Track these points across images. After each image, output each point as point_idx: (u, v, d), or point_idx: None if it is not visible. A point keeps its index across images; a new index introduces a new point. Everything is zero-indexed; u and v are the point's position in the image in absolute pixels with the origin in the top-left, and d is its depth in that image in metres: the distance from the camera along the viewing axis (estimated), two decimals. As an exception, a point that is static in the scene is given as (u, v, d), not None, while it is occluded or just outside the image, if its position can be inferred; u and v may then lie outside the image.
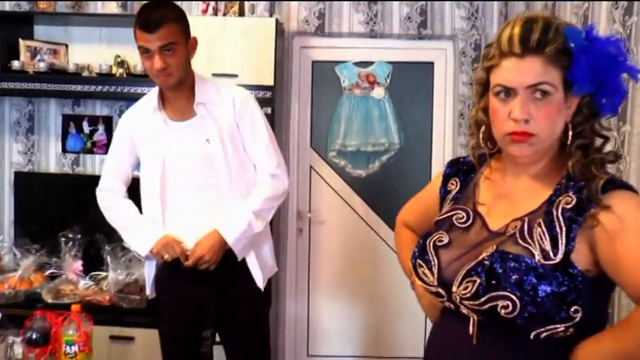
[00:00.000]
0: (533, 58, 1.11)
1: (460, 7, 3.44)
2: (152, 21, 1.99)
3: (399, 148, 3.55)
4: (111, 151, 2.32)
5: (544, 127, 1.12)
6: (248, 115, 2.19)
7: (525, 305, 1.07)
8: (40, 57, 3.31)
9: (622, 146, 2.05)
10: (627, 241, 1.07)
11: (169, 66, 2.03)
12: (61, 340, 1.81)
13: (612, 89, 1.13)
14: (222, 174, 2.14)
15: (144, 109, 2.22)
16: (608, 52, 1.11)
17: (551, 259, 1.09)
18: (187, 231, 2.14)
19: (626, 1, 2.03)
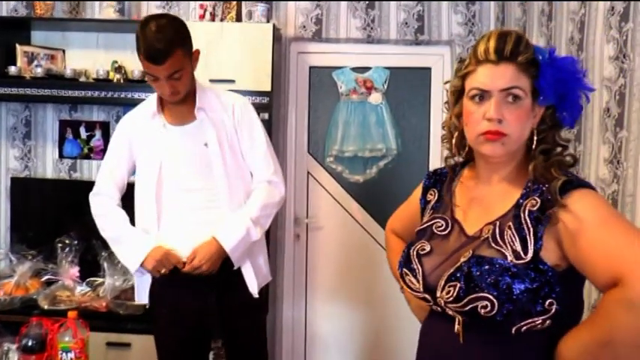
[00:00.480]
0: (507, 64, 1.23)
1: (457, 13, 3.45)
2: (158, 54, 1.96)
3: (397, 153, 3.55)
4: (107, 156, 2.29)
5: (515, 128, 1.23)
6: (246, 122, 2.20)
7: (503, 303, 1.15)
8: (37, 62, 3.31)
9: (619, 152, 2.05)
10: (588, 237, 1.15)
11: (177, 88, 2.05)
12: (57, 347, 1.79)
13: (571, 103, 1.26)
14: (219, 178, 2.14)
15: (142, 114, 2.22)
16: (568, 68, 1.25)
17: (522, 258, 1.18)
18: (182, 235, 2.13)
19: (623, 0, 2.04)
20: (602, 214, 1.17)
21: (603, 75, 2.17)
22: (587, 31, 2.31)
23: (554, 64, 1.24)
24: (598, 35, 2.23)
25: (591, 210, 1.17)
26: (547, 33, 2.70)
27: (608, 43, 2.14)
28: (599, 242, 1.13)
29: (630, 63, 1.99)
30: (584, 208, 1.17)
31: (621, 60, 2.05)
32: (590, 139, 2.27)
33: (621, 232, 1.13)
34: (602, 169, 2.17)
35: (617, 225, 1.15)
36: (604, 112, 2.17)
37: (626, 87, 2.02)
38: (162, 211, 2.16)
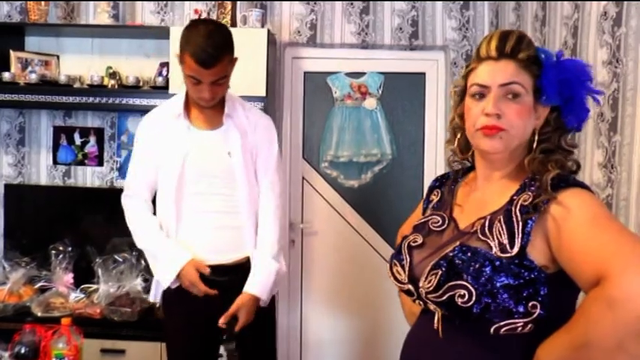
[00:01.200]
0: (508, 61, 1.24)
1: (451, 18, 3.46)
2: (209, 58, 1.98)
3: (392, 158, 3.55)
4: (135, 156, 2.28)
5: (514, 123, 1.22)
6: (267, 141, 2.25)
7: (481, 295, 1.13)
8: (31, 68, 3.30)
9: (613, 156, 2.06)
10: (576, 233, 1.12)
11: (216, 95, 2.08)
12: (51, 354, 1.79)
13: (577, 106, 1.25)
14: (241, 186, 2.17)
15: (166, 114, 2.22)
16: (574, 70, 1.24)
17: (508, 252, 1.15)
18: (201, 238, 2.16)
19: (616, 0, 2.05)
20: (593, 211, 1.14)
21: (597, 80, 2.18)
22: (581, 35, 2.32)
23: (559, 65, 1.24)
24: (591, 40, 2.23)
25: (582, 206, 1.14)
26: (541, 38, 2.71)
27: (602, 48, 2.15)
28: (586, 239, 1.11)
29: (623, 67, 2.00)
30: (576, 204, 1.14)
31: (614, 65, 2.06)
32: (585, 144, 2.27)
33: (610, 231, 1.10)
34: (597, 173, 2.17)
35: (606, 224, 1.12)
36: (598, 116, 2.17)
37: (620, 91, 2.02)
38: (182, 212, 2.17)
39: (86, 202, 3.42)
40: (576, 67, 1.25)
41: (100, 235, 3.20)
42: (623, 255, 1.05)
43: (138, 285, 2.93)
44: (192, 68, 2.00)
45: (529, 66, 1.24)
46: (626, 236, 1.09)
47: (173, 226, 2.17)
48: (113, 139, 3.48)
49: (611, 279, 1.03)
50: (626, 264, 1.03)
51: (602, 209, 1.16)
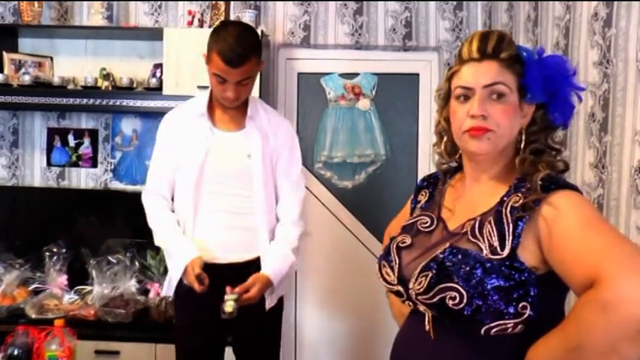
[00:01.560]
0: (490, 61, 1.24)
1: (445, 19, 3.47)
2: (237, 57, 2.02)
3: (385, 159, 3.56)
4: (156, 154, 2.31)
5: (500, 123, 1.23)
6: (288, 147, 2.28)
7: (472, 297, 1.12)
8: (25, 70, 3.29)
9: (604, 156, 2.07)
10: (567, 235, 1.11)
11: (240, 95, 2.11)
12: (44, 356, 1.79)
13: (562, 102, 1.25)
14: (257, 189, 2.20)
15: (188, 113, 2.24)
16: (556, 66, 1.25)
17: (499, 253, 1.15)
18: (217, 236, 2.19)
19: (606, 1, 2.06)
20: (585, 213, 1.13)
21: (588, 80, 2.19)
22: (572, 36, 2.33)
23: (541, 61, 1.25)
24: (582, 41, 2.25)
25: (573, 208, 1.14)
26: (533, 38, 2.72)
27: (592, 49, 2.17)
28: (578, 241, 1.10)
29: (614, 68, 2.01)
30: (567, 205, 1.14)
31: (605, 65, 2.08)
32: (576, 144, 2.29)
33: (602, 234, 1.09)
34: (588, 173, 2.19)
35: (598, 226, 1.11)
36: (589, 116, 2.19)
37: (610, 92, 2.04)
38: (199, 211, 2.20)
39: (80, 204, 3.41)
40: (558, 63, 1.25)
41: (94, 236, 3.20)
42: (615, 258, 1.04)
43: (132, 286, 2.93)
44: (219, 67, 2.04)
45: (512, 65, 1.24)
46: (617, 239, 1.09)
47: (190, 224, 2.20)
48: (107, 140, 3.48)
49: (603, 282, 1.02)
50: (618, 267, 1.03)
51: (593, 211, 1.16)
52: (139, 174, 3.45)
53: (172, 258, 2.22)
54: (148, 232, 2.33)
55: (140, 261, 2.94)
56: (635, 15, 1.90)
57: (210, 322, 2.20)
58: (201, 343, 2.26)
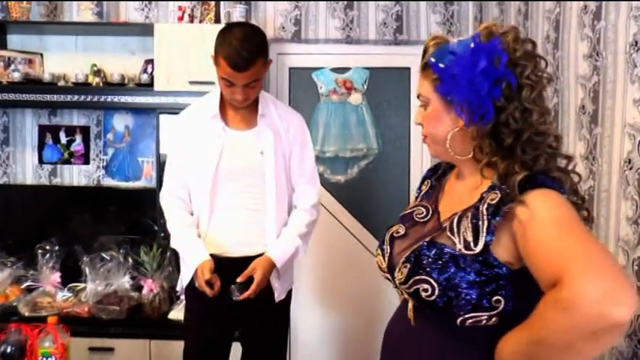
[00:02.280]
0: (421, 73, 1.33)
1: (435, 13, 3.47)
2: (243, 62, 2.02)
3: (378, 153, 3.57)
4: (171, 155, 2.32)
5: (427, 129, 1.33)
6: (300, 141, 2.31)
7: (444, 290, 1.18)
8: (15, 67, 3.27)
9: (594, 148, 2.08)
10: (539, 233, 1.13)
11: (249, 97, 2.13)
12: (37, 353, 1.79)
13: (462, 101, 1.23)
14: (269, 186, 2.22)
15: (201, 114, 2.26)
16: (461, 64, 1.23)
17: (472, 249, 1.18)
18: (231, 232, 2.22)
19: (596, 1, 2.07)
20: (557, 213, 1.14)
21: (578, 73, 2.21)
22: (562, 29, 2.34)
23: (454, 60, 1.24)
24: (572, 34, 2.26)
25: (547, 208, 1.15)
26: (524, 32, 2.73)
27: (582, 42, 2.18)
28: (548, 240, 1.11)
29: (603, 61, 2.02)
30: (541, 205, 1.15)
31: (595, 58, 2.09)
32: (567, 136, 2.30)
33: (572, 235, 1.11)
34: (579, 165, 2.20)
35: (569, 227, 1.12)
36: (579, 109, 2.20)
37: (600, 84, 2.05)
38: (214, 208, 2.22)
39: (73, 201, 3.40)
40: (461, 62, 1.23)
41: (87, 233, 3.20)
42: (580, 259, 1.06)
43: (126, 283, 2.93)
44: (226, 71, 2.05)
45: (427, 74, 1.30)
46: (585, 240, 1.10)
47: (205, 221, 2.23)
48: (99, 137, 3.47)
49: (565, 282, 1.04)
50: (582, 268, 1.04)
51: (566, 211, 1.16)
52: (131, 170, 3.44)
53: (184, 260, 2.26)
54: (141, 228, 2.34)
55: (133, 257, 2.94)
56: (624, 8, 1.91)
57: (220, 316, 2.23)
58: (210, 337, 2.28)
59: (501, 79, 1.21)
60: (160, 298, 2.84)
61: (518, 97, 1.22)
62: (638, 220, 1.83)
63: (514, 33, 1.26)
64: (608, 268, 1.04)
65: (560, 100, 2.37)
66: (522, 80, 1.22)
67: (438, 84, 1.26)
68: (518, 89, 1.22)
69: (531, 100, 1.23)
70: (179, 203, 2.28)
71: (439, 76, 1.26)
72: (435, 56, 1.27)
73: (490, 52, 1.21)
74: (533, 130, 1.23)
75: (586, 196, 2.14)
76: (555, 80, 2.41)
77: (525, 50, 1.24)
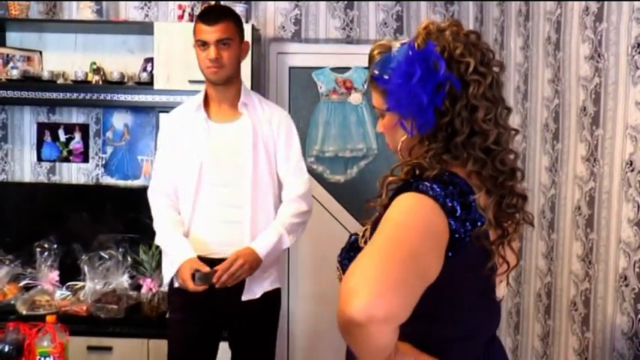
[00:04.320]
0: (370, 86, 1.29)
1: (436, 13, 3.47)
2: (213, 14, 2.18)
3: (377, 153, 3.56)
4: (159, 151, 2.35)
5: (387, 138, 1.32)
6: (284, 133, 2.32)
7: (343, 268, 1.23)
8: (13, 64, 3.26)
9: (596, 149, 2.08)
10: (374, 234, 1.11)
11: (222, 58, 2.17)
12: (35, 352, 1.78)
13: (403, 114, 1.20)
14: (246, 180, 2.22)
15: (187, 109, 2.31)
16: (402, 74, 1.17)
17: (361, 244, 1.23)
18: (211, 229, 2.23)
19: (597, 0, 2.07)
20: (392, 215, 1.12)
21: (579, 74, 2.20)
22: (564, 31, 2.34)
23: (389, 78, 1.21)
24: (574, 35, 2.25)
25: (391, 209, 1.13)
26: (525, 33, 2.73)
27: (584, 43, 2.17)
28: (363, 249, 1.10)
29: (605, 62, 2.02)
30: (392, 207, 1.14)
31: (596, 59, 2.08)
32: (568, 138, 2.29)
33: (374, 248, 1.07)
34: (580, 166, 2.20)
35: (376, 244, 1.08)
36: (581, 110, 2.19)
37: (602, 86, 2.04)
38: (198, 205, 2.23)
39: (71, 199, 3.39)
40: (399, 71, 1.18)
41: (85, 232, 3.19)
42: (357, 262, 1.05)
43: (124, 282, 2.92)
44: (199, 29, 2.17)
45: (376, 86, 1.26)
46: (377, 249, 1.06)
47: (188, 218, 2.24)
48: (98, 135, 3.46)
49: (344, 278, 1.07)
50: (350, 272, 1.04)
51: (401, 217, 1.11)
52: (130, 169, 3.44)
53: (167, 257, 2.26)
54: (140, 227, 2.34)
55: (132, 256, 2.93)
56: (626, 9, 1.90)
57: (203, 315, 2.23)
58: (194, 336, 2.28)
59: (443, 83, 1.15)
60: (159, 297, 2.83)
61: (465, 96, 1.17)
62: None
63: (453, 29, 1.20)
64: (371, 274, 1.01)
65: (561, 102, 2.36)
66: (468, 77, 1.17)
67: (386, 96, 1.22)
68: (465, 87, 1.17)
69: (479, 95, 1.17)
70: (166, 200, 2.29)
71: (384, 89, 1.22)
72: (378, 68, 1.23)
73: (426, 59, 1.16)
74: (477, 128, 1.18)
75: (587, 198, 2.13)
76: (557, 82, 2.40)
77: (466, 45, 1.18)
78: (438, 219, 1.11)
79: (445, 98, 1.16)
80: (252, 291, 2.26)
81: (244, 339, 2.33)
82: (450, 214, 1.12)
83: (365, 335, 1.03)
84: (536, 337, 2.57)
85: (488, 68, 1.20)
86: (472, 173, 1.20)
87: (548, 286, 2.44)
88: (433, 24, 1.22)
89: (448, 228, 1.11)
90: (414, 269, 1.05)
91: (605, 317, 2.01)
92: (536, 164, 2.59)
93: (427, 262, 1.08)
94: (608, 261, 2.00)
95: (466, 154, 1.19)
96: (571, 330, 2.26)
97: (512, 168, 1.24)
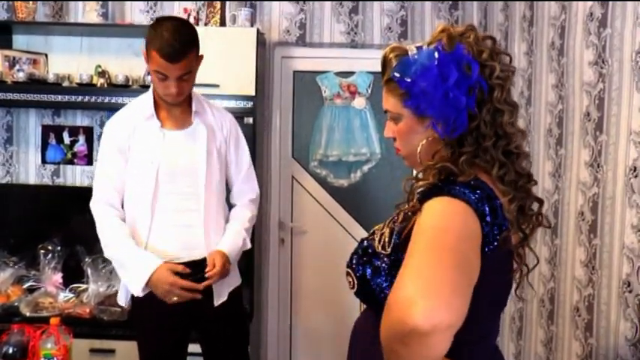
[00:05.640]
0: (384, 89, 1.31)
1: (440, 18, 3.47)
2: (175, 52, 2.00)
3: (381, 157, 3.57)
4: (103, 161, 2.24)
5: (400, 142, 1.32)
6: (234, 137, 2.31)
7: (361, 285, 1.26)
8: (19, 67, 3.28)
9: (599, 155, 2.08)
10: (414, 236, 1.13)
11: (183, 90, 2.10)
12: (39, 354, 1.79)
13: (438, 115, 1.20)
14: (200, 184, 2.19)
15: (134, 116, 2.21)
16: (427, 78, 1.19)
17: (386, 250, 1.24)
18: (171, 236, 2.18)
19: (602, 7, 2.07)
20: (433, 223, 1.12)
21: (583, 80, 2.20)
22: (568, 36, 2.34)
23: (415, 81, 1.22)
24: (578, 41, 2.26)
25: (429, 215, 1.14)
26: (529, 38, 2.73)
27: (588, 49, 2.18)
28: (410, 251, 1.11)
29: (609, 68, 2.02)
30: (427, 212, 1.15)
31: (600, 65, 2.08)
32: (572, 143, 2.30)
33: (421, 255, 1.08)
34: (583, 172, 2.20)
35: (432, 240, 1.09)
36: (584, 116, 2.20)
37: (605, 91, 2.05)
38: (155, 212, 2.17)
39: (75, 202, 3.36)
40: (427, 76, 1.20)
41: (89, 234, 3.12)
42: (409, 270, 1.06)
43: (127, 284, 2.92)
44: (159, 63, 2.02)
45: (394, 89, 1.26)
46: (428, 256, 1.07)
47: (147, 226, 2.16)
48: (102, 138, 3.47)
49: (393, 291, 1.07)
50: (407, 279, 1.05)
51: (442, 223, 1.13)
52: (134, 172, 3.44)
53: (129, 270, 2.15)
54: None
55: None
56: (630, 15, 1.91)
57: (170, 320, 2.19)
58: (165, 344, 2.23)
59: (475, 86, 1.18)
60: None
61: (490, 100, 1.20)
62: (643, 228, 1.83)
63: (474, 34, 1.22)
64: (426, 281, 1.02)
65: (565, 107, 2.37)
66: (492, 81, 1.20)
67: (407, 99, 1.23)
68: (490, 91, 1.20)
69: (503, 100, 1.21)
70: (112, 211, 2.19)
71: (407, 91, 1.22)
72: (399, 71, 1.23)
73: (459, 61, 1.18)
74: (501, 132, 1.21)
75: (590, 204, 2.13)
76: (560, 87, 2.41)
77: (489, 49, 1.21)
78: (474, 223, 1.13)
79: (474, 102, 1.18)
80: (221, 294, 2.25)
81: (220, 341, 2.31)
82: (481, 218, 1.14)
83: (426, 344, 1.00)
84: (539, 342, 2.57)
85: (508, 73, 1.23)
86: (497, 178, 1.22)
87: (552, 292, 2.44)
88: (452, 27, 1.24)
89: (481, 232, 1.13)
90: (466, 273, 1.07)
91: (609, 323, 2.00)
92: (539, 169, 2.59)
93: (473, 265, 1.10)
94: (611, 267, 1.99)
95: (491, 158, 1.21)
96: (574, 336, 2.25)
97: (528, 172, 1.28)
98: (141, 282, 2.09)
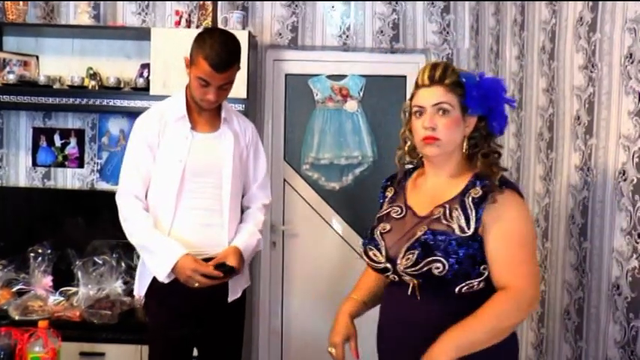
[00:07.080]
0: (437, 86, 1.63)
1: (432, 22, 3.49)
2: (222, 63, 2.11)
3: (372, 161, 3.57)
4: (132, 153, 2.28)
5: (444, 133, 1.62)
6: (254, 146, 2.42)
7: (452, 265, 1.51)
8: (10, 69, 3.26)
9: (589, 159, 2.09)
10: (496, 234, 1.56)
11: (220, 99, 2.20)
12: (27, 357, 1.77)
13: (498, 114, 1.65)
14: (225, 187, 2.27)
15: (167, 115, 2.27)
16: (491, 87, 1.65)
17: (465, 232, 1.55)
18: (190, 234, 2.23)
19: (592, 12, 2.08)
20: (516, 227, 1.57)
21: (573, 84, 2.22)
22: (558, 40, 2.35)
23: (479, 84, 1.63)
24: (568, 45, 2.27)
25: (517, 210, 1.59)
26: (520, 42, 2.75)
27: (578, 53, 2.19)
28: (504, 249, 1.55)
29: (598, 72, 2.03)
30: (509, 212, 1.57)
31: (590, 69, 2.10)
32: (562, 147, 2.30)
33: (525, 248, 1.58)
34: (574, 175, 2.21)
35: (522, 243, 1.57)
36: (574, 119, 2.21)
37: (595, 95, 2.06)
38: (178, 209, 2.23)
39: (66, 204, 3.39)
40: (492, 84, 1.66)
41: (79, 237, 3.17)
42: (527, 277, 1.56)
43: (118, 287, 2.91)
44: (205, 71, 2.11)
45: (454, 88, 1.62)
46: (531, 256, 1.59)
47: (168, 221, 2.22)
48: (94, 140, 3.46)
49: (517, 289, 1.53)
50: (529, 282, 1.56)
51: (525, 225, 1.60)
52: (125, 174, 3.42)
53: (157, 255, 2.19)
54: (135, 233, 2.30)
55: (126, 262, 2.92)
56: (619, 20, 1.92)
57: (187, 316, 2.23)
58: (177, 339, 2.26)
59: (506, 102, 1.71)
60: (152, 303, 2.81)
61: None
62: (632, 232, 1.84)
63: None
64: (530, 264, 1.58)
65: (555, 111, 2.38)
66: None
67: (464, 98, 1.61)
68: None
69: None
70: (139, 203, 2.25)
71: (465, 92, 1.61)
72: (465, 77, 1.63)
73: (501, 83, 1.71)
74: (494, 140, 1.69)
75: (580, 207, 2.14)
76: (551, 91, 2.42)
77: None
78: None
79: None
80: (236, 291, 2.31)
81: (212, 337, 2.33)
82: None
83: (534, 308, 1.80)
84: (530, 345, 2.57)
85: None
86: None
87: (542, 295, 2.44)
88: None
89: None
90: None
91: (599, 326, 2.01)
92: (530, 173, 2.60)
93: None
94: (601, 270, 2.00)
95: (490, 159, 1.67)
96: (564, 338, 2.26)
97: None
98: (167, 267, 2.14)
